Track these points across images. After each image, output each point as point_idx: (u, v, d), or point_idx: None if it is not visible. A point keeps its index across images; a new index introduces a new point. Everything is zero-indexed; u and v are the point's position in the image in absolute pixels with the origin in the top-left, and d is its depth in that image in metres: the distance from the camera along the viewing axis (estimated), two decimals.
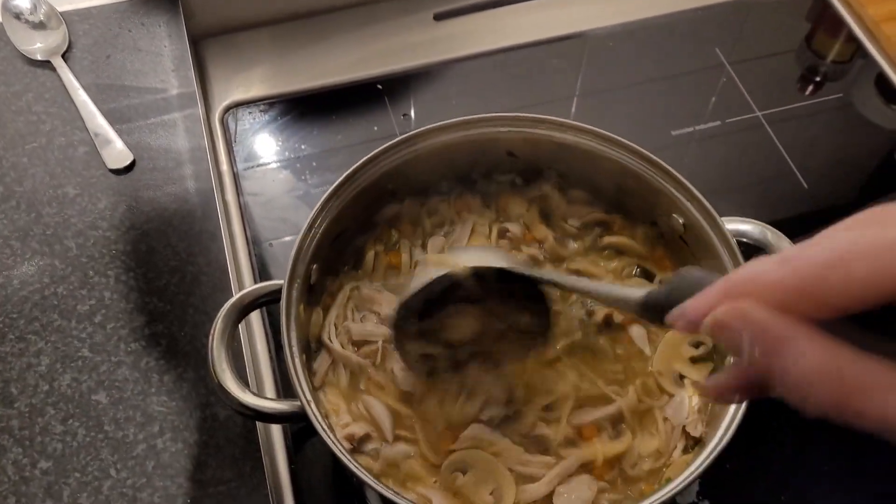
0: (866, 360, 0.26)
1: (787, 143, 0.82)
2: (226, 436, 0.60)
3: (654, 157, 0.59)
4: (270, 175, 0.81)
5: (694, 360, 0.58)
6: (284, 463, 0.63)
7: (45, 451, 0.59)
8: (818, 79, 0.90)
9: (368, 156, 0.60)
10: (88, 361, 0.63)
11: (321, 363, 0.59)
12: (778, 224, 0.59)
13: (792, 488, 0.61)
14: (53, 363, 0.63)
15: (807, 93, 0.88)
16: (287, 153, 0.82)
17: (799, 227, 0.76)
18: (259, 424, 0.61)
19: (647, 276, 0.63)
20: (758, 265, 0.29)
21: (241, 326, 0.66)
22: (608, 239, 0.64)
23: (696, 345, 0.59)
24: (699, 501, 0.60)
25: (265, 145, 0.83)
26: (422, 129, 0.60)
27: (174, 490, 0.57)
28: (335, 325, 0.60)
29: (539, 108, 0.86)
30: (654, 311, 0.38)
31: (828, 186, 0.80)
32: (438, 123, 0.61)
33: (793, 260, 0.28)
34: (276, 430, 0.64)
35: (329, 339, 0.59)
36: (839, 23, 0.91)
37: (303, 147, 0.83)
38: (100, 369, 0.62)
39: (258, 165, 0.81)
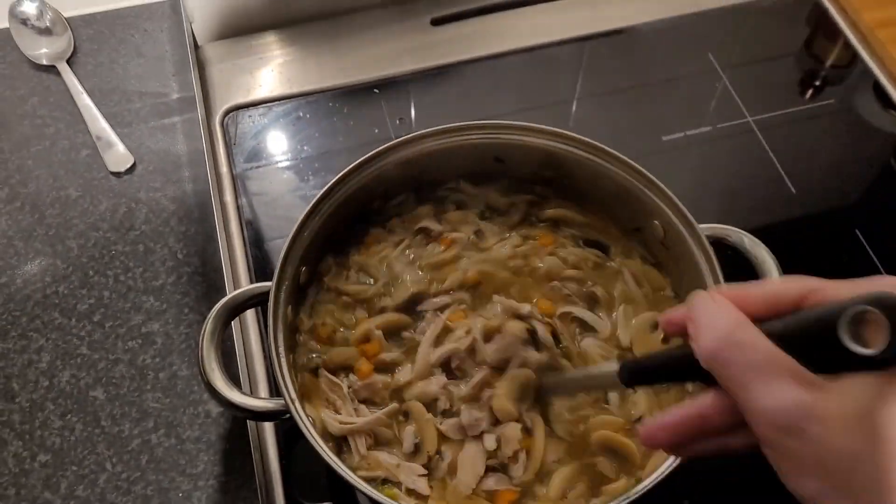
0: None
1: (777, 148, 0.83)
2: (218, 432, 0.62)
3: (634, 163, 0.60)
4: (274, 176, 0.82)
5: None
6: (276, 459, 0.64)
7: (44, 445, 0.61)
8: (818, 83, 0.90)
9: (355, 163, 0.61)
10: (87, 359, 0.65)
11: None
12: (764, 229, 0.60)
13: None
14: (53, 360, 0.65)
15: (806, 97, 0.89)
16: (290, 155, 0.84)
17: (785, 232, 0.78)
18: (250, 421, 0.63)
19: (598, 246, 0.66)
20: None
21: (237, 327, 0.68)
22: (548, 212, 0.66)
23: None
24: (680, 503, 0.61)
25: (267, 147, 0.84)
26: (408, 136, 0.62)
27: (167, 483, 0.60)
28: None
29: (538, 112, 0.87)
30: (632, 374, 0.45)
31: (817, 192, 0.81)
32: (423, 131, 0.62)
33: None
34: (268, 427, 0.66)
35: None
36: (836, 28, 0.92)
37: (305, 149, 0.84)
38: (98, 366, 0.65)
39: (261, 167, 0.83)
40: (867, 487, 0.32)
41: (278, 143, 0.85)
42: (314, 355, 0.60)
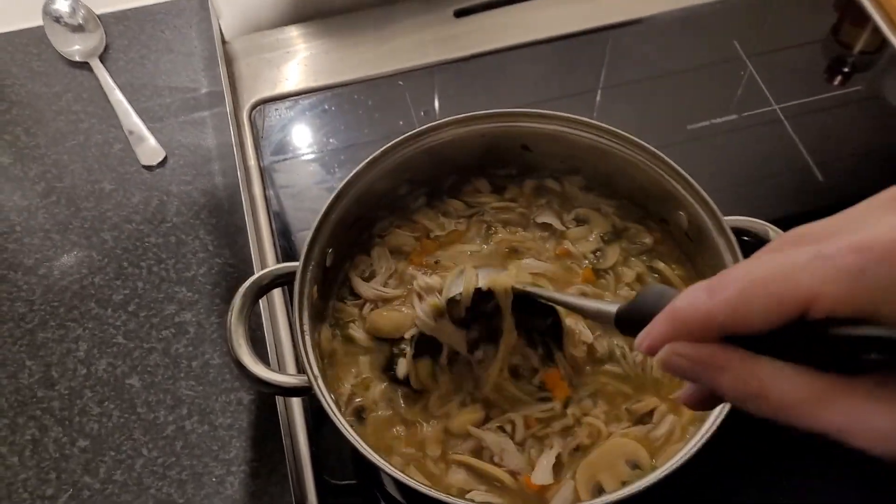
0: (767, 366, 0.31)
1: (804, 136, 0.82)
2: (249, 419, 0.64)
3: (660, 153, 0.60)
4: (300, 168, 0.84)
5: None
6: (305, 444, 0.66)
7: (83, 431, 0.63)
8: (846, 70, 0.89)
9: (384, 147, 0.63)
10: (123, 347, 0.67)
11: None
12: (791, 218, 0.60)
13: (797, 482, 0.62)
14: (91, 349, 0.67)
15: (834, 84, 0.88)
16: (316, 147, 0.85)
17: (814, 220, 0.77)
18: (280, 407, 0.65)
19: None
20: (692, 295, 0.33)
21: (265, 309, 0.70)
22: (658, 264, 0.65)
23: None
24: None
25: (294, 140, 0.86)
26: (435, 122, 0.63)
27: (201, 469, 0.61)
28: None
29: (562, 102, 0.87)
30: (625, 325, 0.42)
31: (845, 180, 0.80)
32: (451, 118, 0.63)
33: (717, 290, 0.32)
34: (297, 414, 0.68)
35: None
36: (864, 13, 0.91)
37: (331, 141, 0.86)
38: (133, 355, 0.66)
39: (288, 159, 0.84)
40: None
41: (305, 136, 0.86)
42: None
